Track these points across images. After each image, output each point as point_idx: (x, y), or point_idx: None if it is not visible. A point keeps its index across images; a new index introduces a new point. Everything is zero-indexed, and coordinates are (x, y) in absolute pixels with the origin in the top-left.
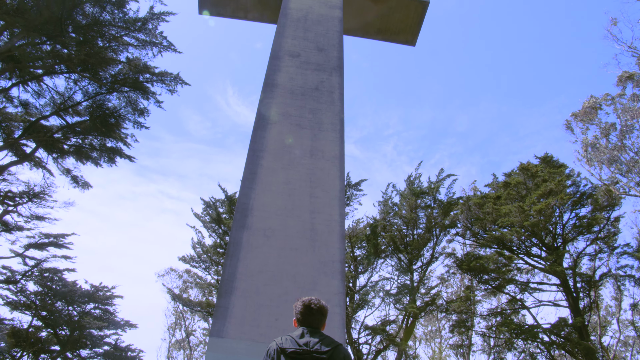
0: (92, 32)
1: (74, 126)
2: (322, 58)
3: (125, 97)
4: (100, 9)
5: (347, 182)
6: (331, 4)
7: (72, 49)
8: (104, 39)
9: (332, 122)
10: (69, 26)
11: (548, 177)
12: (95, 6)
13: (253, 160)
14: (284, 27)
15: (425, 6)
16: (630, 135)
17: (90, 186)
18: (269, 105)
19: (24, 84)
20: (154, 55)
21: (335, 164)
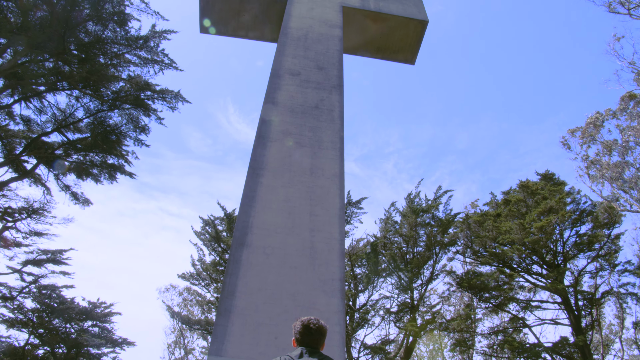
0: (94, 49)
1: (75, 143)
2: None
3: (127, 114)
4: (103, 27)
5: (348, 200)
6: (331, 23)
7: (74, 66)
8: (106, 57)
9: (332, 140)
10: (72, 44)
11: (548, 195)
12: (98, 24)
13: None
14: (285, 46)
15: (425, 25)
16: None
17: (90, 203)
18: (269, 123)
19: (26, 101)
20: (155, 73)
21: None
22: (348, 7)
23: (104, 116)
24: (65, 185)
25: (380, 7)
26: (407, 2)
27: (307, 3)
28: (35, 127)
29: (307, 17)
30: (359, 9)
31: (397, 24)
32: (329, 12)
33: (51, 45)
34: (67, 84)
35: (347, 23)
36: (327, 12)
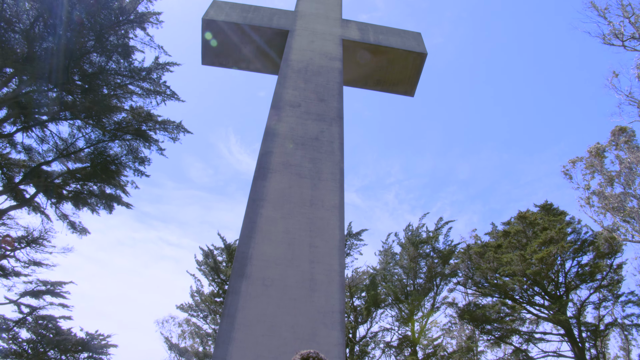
0: (97, 80)
1: (75, 172)
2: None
3: (127, 145)
4: (107, 58)
5: (348, 232)
6: (331, 56)
7: (78, 96)
8: (109, 87)
9: (332, 171)
10: (76, 74)
11: (548, 225)
12: (102, 55)
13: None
14: (285, 78)
15: (423, 58)
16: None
17: (88, 232)
18: (269, 154)
19: (28, 130)
20: (157, 104)
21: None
22: (348, 40)
23: (105, 146)
24: (63, 214)
25: (379, 40)
26: (406, 35)
27: (307, 36)
28: (36, 156)
29: (307, 50)
30: (359, 42)
31: (397, 57)
32: (329, 45)
33: (55, 75)
34: (70, 113)
35: (347, 56)
36: (328, 45)
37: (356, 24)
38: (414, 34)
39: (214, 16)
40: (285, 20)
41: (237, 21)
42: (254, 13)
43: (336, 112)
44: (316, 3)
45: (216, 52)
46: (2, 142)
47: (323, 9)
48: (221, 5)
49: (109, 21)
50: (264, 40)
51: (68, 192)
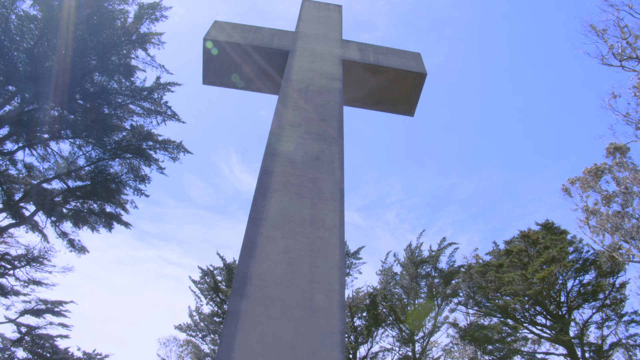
0: (99, 99)
1: (75, 190)
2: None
3: (128, 164)
4: (109, 77)
5: (346, 251)
6: (331, 76)
7: (79, 115)
8: (110, 107)
9: (332, 191)
10: (78, 93)
11: (550, 244)
12: (104, 75)
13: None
14: (286, 98)
15: (423, 78)
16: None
17: (86, 251)
18: (269, 174)
19: (29, 148)
20: (158, 124)
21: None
22: (348, 60)
23: (105, 165)
24: (62, 232)
25: (379, 60)
26: (406, 56)
27: (308, 56)
28: (36, 174)
29: (308, 70)
30: (359, 62)
31: (396, 77)
32: (330, 65)
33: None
34: (71, 132)
35: (347, 76)
36: (328, 65)
37: (356, 44)
38: (413, 54)
39: (215, 36)
40: (286, 41)
41: (238, 41)
42: (255, 33)
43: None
44: (316, 24)
45: (217, 72)
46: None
47: (323, 30)
48: (222, 26)
49: (112, 41)
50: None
51: (68, 211)
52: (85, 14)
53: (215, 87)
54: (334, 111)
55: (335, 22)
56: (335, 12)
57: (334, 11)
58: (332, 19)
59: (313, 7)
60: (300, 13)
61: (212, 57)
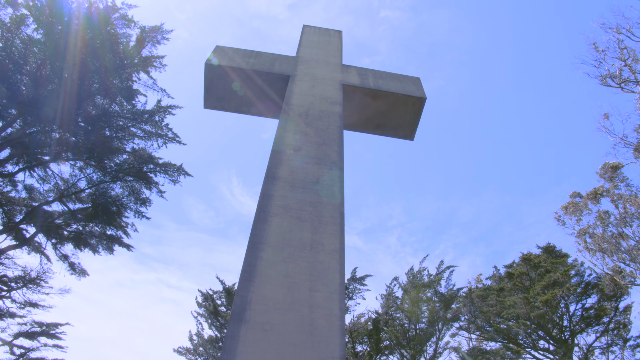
0: (100, 122)
1: (76, 213)
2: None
3: (129, 187)
4: (110, 100)
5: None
6: (332, 101)
7: (80, 138)
8: (111, 129)
9: (333, 215)
10: (79, 116)
11: (551, 268)
12: (106, 98)
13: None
14: (286, 122)
15: (422, 102)
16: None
17: (87, 274)
18: (269, 197)
19: (30, 170)
20: (158, 147)
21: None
22: (348, 84)
23: (106, 187)
24: (63, 255)
25: (379, 85)
26: (406, 80)
27: (308, 81)
28: (37, 196)
29: (308, 95)
30: (359, 87)
31: (396, 101)
32: (330, 90)
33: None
34: (72, 154)
35: (347, 100)
36: (328, 90)
37: (356, 69)
38: (413, 78)
39: (216, 61)
40: (287, 66)
41: (240, 66)
42: (256, 58)
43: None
44: (317, 49)
45: (218, 96)
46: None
47: (324, 55)
48: (224, 50)
49: (114, 65)
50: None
51: (69, 233)
52: (88, 37)
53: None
54: (335, 135)
55: (335, 47)
56: (336, 37)
57: (334, 36)
58: (332, 44)
59: (314, 33)
60: (301, 38)
61: (214, 81)
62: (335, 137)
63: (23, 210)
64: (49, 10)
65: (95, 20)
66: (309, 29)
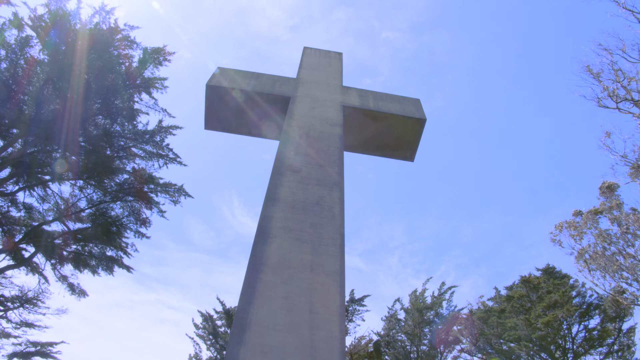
0: (102, 142)
1: (76, 233)
2: (323, 173)
3: (129, 207)
4: (112, 120)
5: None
6: (332, 122)
7: (81, 157)
8: (112, 149)
9: (333, 236)
10: (80, 136)
11: (552, 289)
12: (107, 118)
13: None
14: (286, 144)
15: (422, 123)
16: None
17: (86, 294)
18: (269, 219)
19: (30, 189)
20: (159, 167)
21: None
22: (348, 106)
23: (106, 207)
24: (62, 276)
25: (379, 106)
26: (405, 102)
27: (309, 102)
28: (36, 215)
29: (308, 116)
30: (359, 108)
31: (396, 122)
32: (330, 111)
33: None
34: (73, 174)
35: (347, 121)
36: (328, 111)
37: (356, 91)
38: (412, 100)
39: (217, 82)
40: (287, 87)
41: (241, 87)
42: (257, 80)
43: (337, 177)
44: (317, 71)
45: (219, 118)
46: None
47: (324, 77)
48: (225, 72)
49: (116, 85)
50: (265, 107)
51: (68, 253)
52: (90, 58)
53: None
54: (335, 156)
55: (335, 69)
56: (336, 59)
57: (334, 58)
58: (332, 66)
59: (314, 55)
60: (302, 60)
61: (214, 102)
62: (335, 158)
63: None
64: (53, 32)
65: (99, 41)
66: (309, 50)
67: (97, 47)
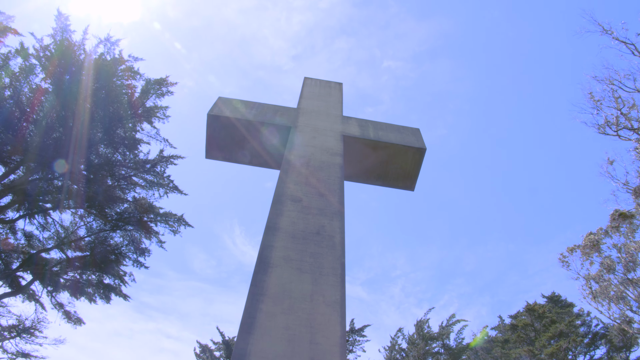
0: (103, 170)
1: (74, 260)
2: (323, 203)
3: (129, 236)
4: (113, 150)
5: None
6: (332, 152)
7: (82, 186)
8: (113, 178)
9: (333, 266)
10: (82, 164)
11: (557, 318)
12: (109, 147)
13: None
14: (287, 173)
15: (422, 153)
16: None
17: (82, 322)
18: (270, 248)
19: (30, 217)
20: (160, 196)
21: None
22: (348, 136)
23: (106, 236)
24: (58, 303)
25: (379, 136)
26: (405, 132)
27: (309, 132)
28: (36, 243)
29: (309, 146)
30: (359, 138)
31: (396, 152)
32: (330, 141)
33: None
34: (73, 202)
35: (347, 151)
36: (329, 141)
37: (356, 121)
38: (412, 129)
39: (219, 112)
40: (288, 117)
41: (242, 117)
42: (258, 109)
43: (337, 207)
44: (318, 101)
45: (220, 147)
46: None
47: (324, 107)
48: (226, 101)
49: (118, 115)
50: (266, 136)
51: (65, 281)
52: (94, 87)
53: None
54: (335, 186)
55: (336, 99)
56: (336, 89)
57: (334, 88)
58: (333, 96)
59: (315, 85)
60: (302, 90)
61: (216, 132)
62: (336, 187)
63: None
64: (58, 61)
65: (102, 71)
66: (310, 81)
67: (101, 77)
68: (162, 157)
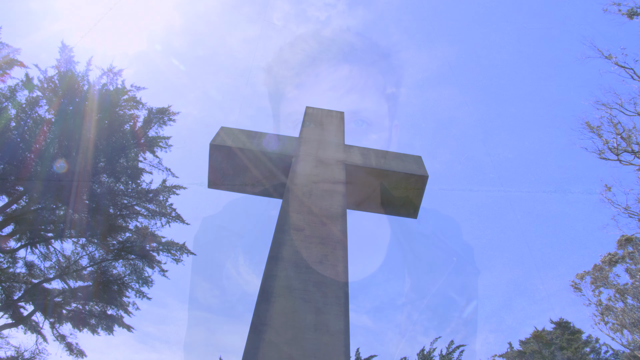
0: (105, 200)
1: (76, 291)
2: (326, 232)
3: (131, 265)
4: (116, 179)
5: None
6: (334, 180)
7: (84, 215)
8: (115, 208)
9: (337, 295)
10: (84, 193)
11: (565, 345)
12: (112, 177)
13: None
14: (289, 202)
15: (424, 180)
16: None
17: (84, 355)
18: (272, 278)
19: (32, 246)
20: (162, 225)
21: (340, 338)
22: (350, 164)
23: (108, 265)
24: (60, 335)
25: (381, 164)
26: (407, 159)
27: (311, 161)
28: (37, 273)
29: (311, 174)
30: (361, 166)
31: (398, 180)
32: (333, 170)
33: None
34: (75, 231)
35: (349, 180)
36: (331, 170)
37: (358, 149)
38: (414, 157)
39: (221, 142)
40: (290, 146)
41: (244, 146)
42: (260, 139)
43: (340, 236)
44: (319, 130)
45: (222, 176)
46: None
47: (326, 136)
48: (228, 131)
49: (120, 145)
50: (268, 166)
51: (68, 312)
52: (96, 118)
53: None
54: (338, 215)
55: (337, 127)
56: (338, 118)
57: (336, 117)
58: (334, 125)
59: (316, 114)
60: (304, 119)
61: (218, 161)
62: (338, 216)
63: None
64: (62, 92)
65: (105, 101)
66: (311, 110)
67: (104, 107)
68: (165, 187)
